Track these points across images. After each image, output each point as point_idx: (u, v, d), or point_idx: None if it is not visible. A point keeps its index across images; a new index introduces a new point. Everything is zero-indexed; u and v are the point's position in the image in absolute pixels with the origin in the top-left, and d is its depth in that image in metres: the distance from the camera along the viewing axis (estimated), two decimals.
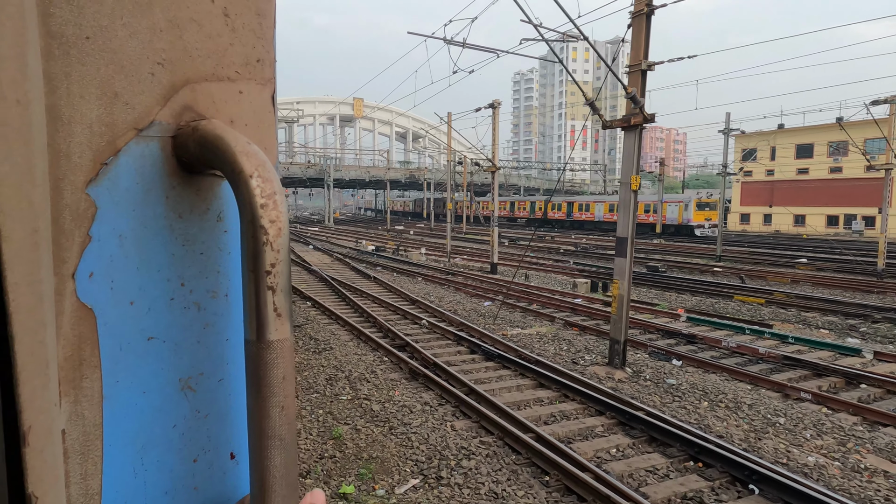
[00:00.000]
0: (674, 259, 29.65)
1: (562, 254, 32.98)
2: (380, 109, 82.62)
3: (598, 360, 10.55)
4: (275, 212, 0.82)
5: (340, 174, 70.21)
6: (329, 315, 14.17)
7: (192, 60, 0.95)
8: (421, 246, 36.02)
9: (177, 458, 0.93)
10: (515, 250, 35.82)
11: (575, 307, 15.29)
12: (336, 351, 10.80)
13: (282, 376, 0.83)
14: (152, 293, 0.90)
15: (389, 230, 52.55)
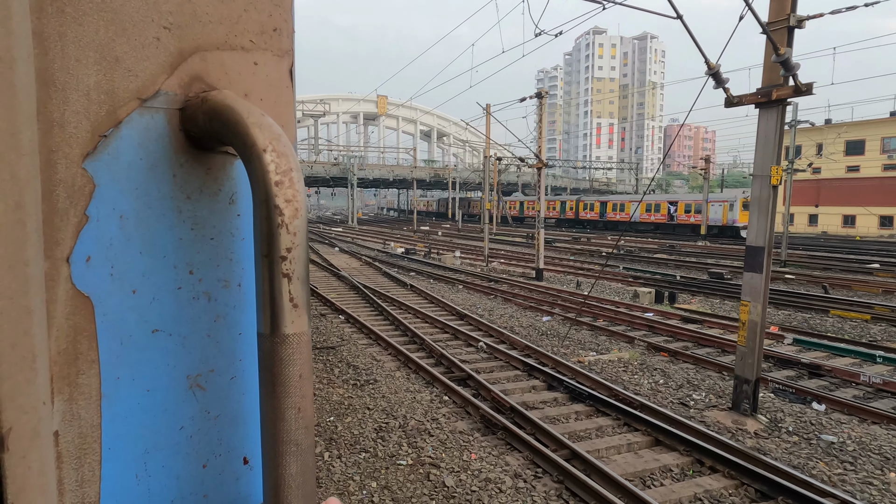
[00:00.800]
0: (728, 264, 27.11)
1: (603, 256, 30.61)
2: (404, 107, 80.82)
3: (712, 402, 8.34)
4: (291, 190, 0.76)
5: (364, 173, 68.52)
6: (367, 334, 12.13)
7: (203, 26, 0.87)
8: (454, 249, 33.94)
9: (184, 463, 0.87)
10: (554, 253, 33.54)
11: (651, 325, 13.04)
12: (382, 385, 8.75)
13: (298, 374, 0.77)
14: (157, 281, 0.84)
15: (416, 231, 50.60)
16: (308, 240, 0.82)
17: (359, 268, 24.05)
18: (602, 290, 19.33)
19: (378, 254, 30.57)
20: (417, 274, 22.44)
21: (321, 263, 24.50)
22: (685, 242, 40.39)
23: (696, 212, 47.35)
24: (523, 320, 13.77)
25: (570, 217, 63.38)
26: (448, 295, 17.33)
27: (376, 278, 20.73)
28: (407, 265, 25.03)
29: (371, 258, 27.73)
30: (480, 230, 50.65)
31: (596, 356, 10.70)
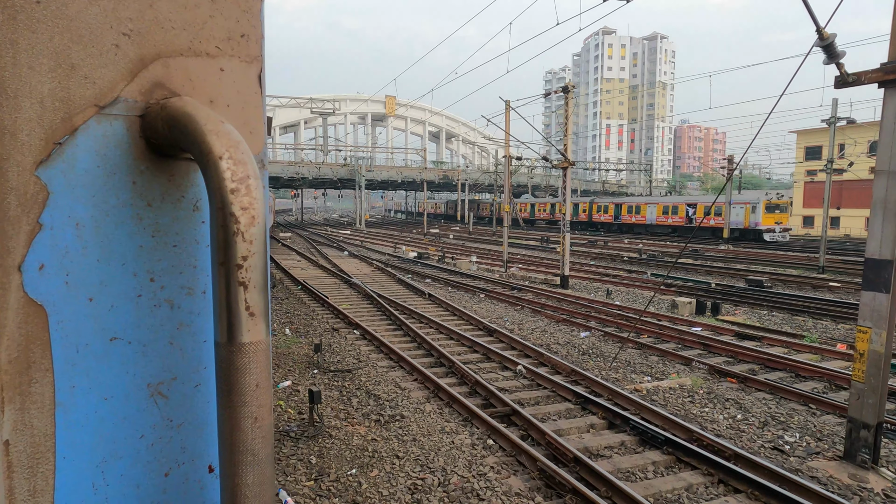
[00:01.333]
0: (760, 269, 25.56)
1: (626, 262, 29.12)
2: (412, 107, 79.55)
3: (812, 446, 6.89)
4: (247, 198, 0.76)
5: (372, 175, 67.26)
6: (387, 353, 10.73)
7: (165, 32, 0.87)
8: (467, 253, 32.52)
9: (145, 472, 0.86)
10: (572, 258, 32.04)
11: (706, 342, 11.58)
12: (411, 422, 7.34)
13: (255, 383, 0.76)
14: (116, 289, 0.83)
15: (426, 234, 49.23)
16: (267, 248, 0.78)
17: (371, 274, 22.68)
18: (634, 300, 17.87)
19: (389, 258, 29.20)
20: (433, 281, 21.04)
21: (331, 269, 23.14)
22: (706, 246, 38.83)
23: (716, 214, 45.75)
24: (559, 336, 12.33)
25: (582, 220, 61.85)
26: (470, 305, 15.92)
27: (390, 286, 19.33)
28: (421, 271, 23.63)
29: (382, 263, 26.37)
30: (492, 233, 49.25)
31: (652, 382, 9.26)
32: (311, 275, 22.16)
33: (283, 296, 17.60)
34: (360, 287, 18.07)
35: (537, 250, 35.59)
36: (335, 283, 19.82)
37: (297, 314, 14.78)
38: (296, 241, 42.63)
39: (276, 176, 61.27)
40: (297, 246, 36.96)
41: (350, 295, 17.37)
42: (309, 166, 62.80)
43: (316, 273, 22.82)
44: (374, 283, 19.62)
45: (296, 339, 12.18)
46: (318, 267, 24.96)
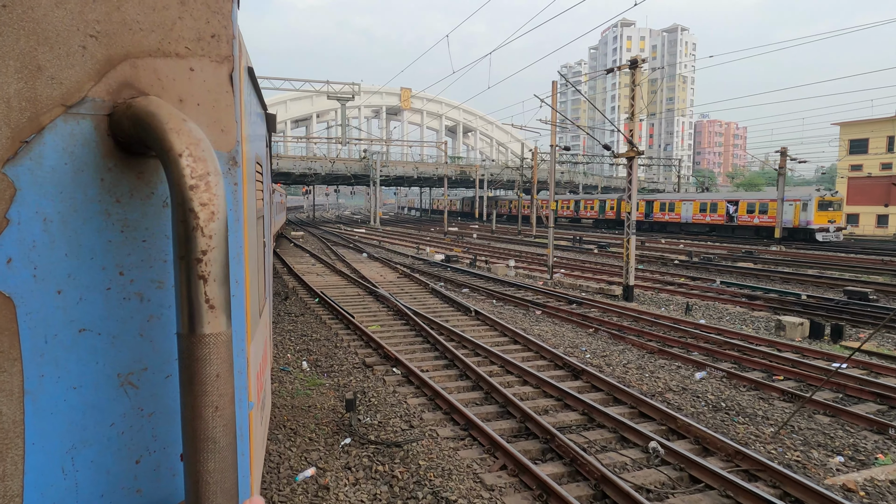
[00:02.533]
0: (836, 276, 22.25)
1: (678, 266, 25.91)
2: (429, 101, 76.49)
3: None
4: (207, 194, 0.78)
5: (387, 171, 64.35)
6: (447, 412, 7.63)
7: (133, 34, 0.89)
8: (497, 254, 29.41)
9: (115, 459, 0.88)
10: (613, 260, 28.90)
11: (882, 393, 8.44)
12: None
13: (216, 374, 0.78)
14: (84, 282, 0.86)
15: (446, 233, 46.20)
16: (226, 242, 0.79)
17: (397, 282, 19.67)
18: (719, 316, 14.74)
19: (413, 262, 26.19)
20: (472, 291, 17.98)
21: (351, 276, 20.15)
22: (754, 247, 35.48)
23: (760, 212, 42.32)
24: (665, 377, 9.25)
25: (610, 218, 58.51)
26: (529, 326, 12.85)
27: (424, 298, 16.31)
28: (453, 277, 20.60)
29: (407, 267, 23.36)
30: (518, 232, 46.15)
31: (857, 471, 6.16)
32: (329, 282, 19.19)
33: (298, 311, 14.64)
34: (389, 300, 15.06)
35: (572, 251, 32.41)
36: (358, 295, 16.82)
37: (315, 339, 11.80)
38: (308, 240, 39.76)
39: (287, 172, 58.51)
40: (311, 246, 34.08)
41: (379, 311, 14.36)
42: (322, 161, 59.98)
43: (334, 280, 19.85)
44: (405, 295, 16.60)
45: (317, 378, 9.19)
46: (335, 272, 21.99)
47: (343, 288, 18.09)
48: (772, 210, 41.45)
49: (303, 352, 10.91)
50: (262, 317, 2.80)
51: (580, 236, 39.55)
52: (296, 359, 10.48)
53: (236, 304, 1.10)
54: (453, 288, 18.70)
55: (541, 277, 21.44)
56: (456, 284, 19.20)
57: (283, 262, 24.49)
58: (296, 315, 14.16)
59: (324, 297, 15.58)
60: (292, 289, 18.10)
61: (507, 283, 19.42)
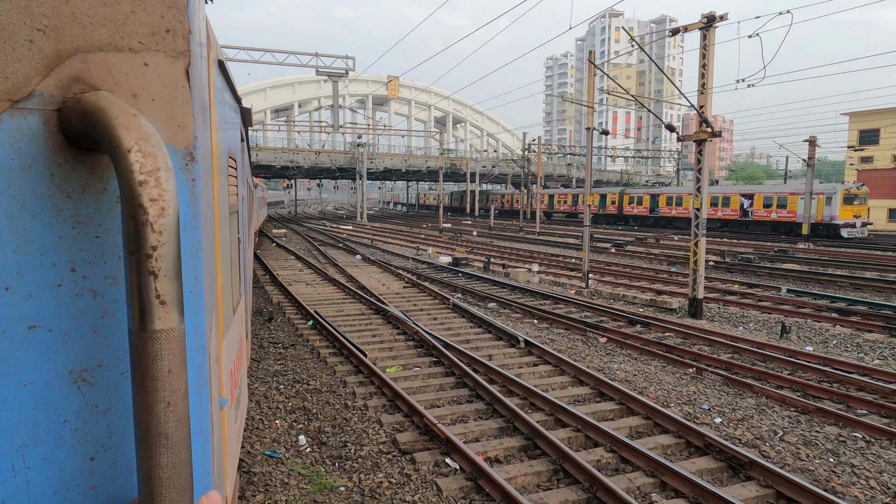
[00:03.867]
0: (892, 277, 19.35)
1: (715, 268, 22.90)
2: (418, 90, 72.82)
3: None
4: (156, 189, 0.77)
5: (374, 163, 60.67)
6: None
7: (83, 28, 0.87)
8: (515, 257, 26.07)
9: (68, 456, 0.87)
10: (636, 262, 25.80)
11: None
12: None
13: (167, 369, 0.78)
14: (33, 278, 0.84)
15: (441, 230, 42.78)
16: (177, 237, 0.79)
17: (405, 293, 16.25)
18: (823, 342, 11.62)
19: (416, 265, 22.77)
20: (501, 306, 14.63)
21: (348, 286, 16.63)
22: (776, 244, 32.70)
23: (779, 206, 39.63)
24: (848, 458, 6.03)
25: (611, 213, 55.62)
26: (604, 364, 9.53)
27: (447, 318, 12.91)
28: (469, 286, 17.24)
29: (411, 272, 19.95)
30: (519, 229, 42.87)
31: None
32: (323, 295, 15.69)
33: (287, 339, 11.17)
34: (404, 323, 11.64)
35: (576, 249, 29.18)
36: (362, 314, 13.36)
37: (315, 389, 8.36)
38: (292, 239, 36.06)
39: (268, 164, 54.54)
40: (295, 247, 30.44)
41: (395, 341, 10.93)
42: (305, 153, 56.08)
43: (328, 292, 16.34)
44: (421, 314, 13.19)
45: (322, 474, 5.79)
46: (328, 280, 18.48)
47: (341, 304, 14.61)
48: (791, 204, 38.80)
49: (298, 413, 7.48)
50: (237, 314, 2.67)
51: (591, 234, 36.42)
52: (288, 428, 7.05)
53: (195, 299, 1.08)
54: (475, 301, 15.34)
55: (573, 285, 18.18)
56: (477, 296, 15.83)
57: (264, 267, 20.88)
58: (284, 346, 10.69)
59: (319, 318, 12.10)
60: (277, 305, 14.58)
61: (536, 294, 16.11)
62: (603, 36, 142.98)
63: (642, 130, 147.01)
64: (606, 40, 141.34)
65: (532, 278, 19.34)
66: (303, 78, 67.23)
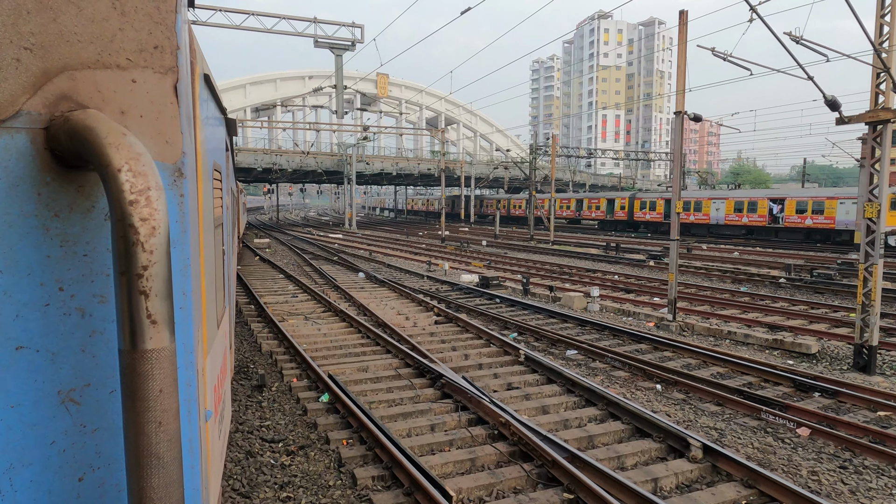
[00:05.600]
0: None
1: (793, 288, 19.10)
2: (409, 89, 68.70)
3: None
4: (147, 209, 0.77)
5: (363, 166, 56.32)
6: None
7: (71, 46, 0.86)
8: (545, 273, 21.91)
9: (56, 478, 0.84)
10: (694, 280, 21.91)
11: None
12: None
13: (159, 389, 0.77)
14: (21, 298, 0.82)
15: (444, 239, 38.55)
16: (168, 257, 0.76)
17: (440, 332, 12.00)
18: None
19: (435, 286, 18.53)
20: (585, 355, 10.46)
21: (364, 323, 12.25)
22: (818, 254, 29.18)
23: (814, 212, 36.21)
24: None
25: (620, 218, 51.96)
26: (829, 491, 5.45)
27: (526, 383, 8.69)
28: (517, 318, 13.07)
29: (434, 297, 15.71)
30: (530, 237, 38.77)
31: None
32: (332, 339, 11.36)
33: (292, 435, 6.88)
34: (473, 400, 7.39)
35: (616, 263, 25.23)
36: (397, 376, 9.06)
37: None
38: (278, 251, 31.55)
39: (248, 167, 49.87)
40: (283, 260, 25.97)
41: (471, 440, 6.67)
42: (289, 155, 51.53)
43: (338, 332, 12.02)
44: (480, 371, 8.95)
45: None
46: (333, 312, 14.14)
47: (360, 356, 10.32)
48: (829, 210, 35.42)
49: None
50: (221, 327, 2.59)
51: (615, 242, 32.46)
52: None
53: (184, 316, 1.07)
54: (544, 346, 11.16)
55: (647, 316, 14.12)
56: (537, 335, 11.67)
57: (246, 291, 16.45)
58: (288, 451, 6.38)
59: (337, 389, 7.80)
60: (269, 357, 10.22)
61: (606, 329, 12.04)
62: (592, 38, 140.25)
63: (631, 134, 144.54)
64: (596, 42, 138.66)
65: (591, 305, 15.23)
66: (286, 74, 62.46)
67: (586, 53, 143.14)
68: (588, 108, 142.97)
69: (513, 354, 10.10)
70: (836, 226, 35.12)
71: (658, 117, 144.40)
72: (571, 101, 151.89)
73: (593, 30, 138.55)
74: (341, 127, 47.69)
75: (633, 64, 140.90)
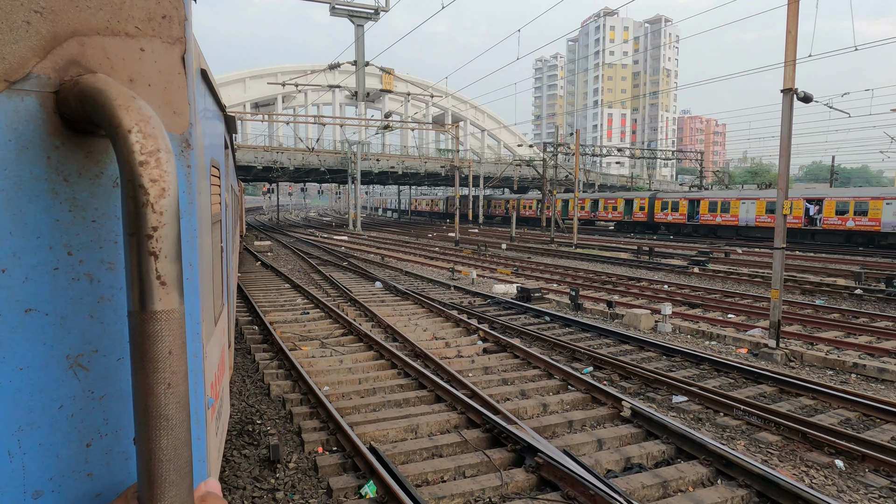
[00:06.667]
0: None
1: (888, 301, 16.62)
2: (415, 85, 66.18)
3: None
4: (157, 170, 0.77)
5: (368, 165, 53.82)
6: None
7: (80, 11, 0.87)
8: (588, 283, 19.33)
9: (64, 442, 0.86)
10: (754, 289, 19.38)
11: None
12: None
13: (168, 350, 0.78)
14: (30, 261, 0.83)
15: (458, 241, 36.03)
16: (177, 219, 0.78)
17: (491, 364, 9.48)
18: None
19: (466, 299, 15.98)
20: (697, 402, 7.95)
21: (395, 352, 9.70)
22: (882, 259, 26.73)
23: (857, 213, 33.75)
24: None
25: (639, 219, 49.50)
26: None
27: (654, 462, 6.18)
28: (579, 343, 10.56)
29: (470, 313, 13.18)
30: (550, 240, 36.21)
31: None
32: (361, 377, 8.81)
33: None
34: (587, 493, 4.88)
35: (649, 269, 22.70)
36: (464, 448, 6.51)
37: None
38: (280, 255, 29.01)
39: (248, 165, 47.32)
40: (287, 266, 23.43)
41: None
42: (290, 152, 48.98)
43: (368, 368, 9.48)
44: (568, 432, 6.42)
45: None
46: (354, 335, 11.58)
47: (406, 410, 7.77)
48: (874, 211, 32.97)
49: None
50: (219, 324, 2.61)
51: (650, 246, 29.88)
52: None
53: (190, 287, 1.05)
54: (635, 387, 8.64)
55: (739, 340, 11.60)
56: (613, 367, 9.15)
57: (248, 306, 13.90)
58: None
59: (385, 475, 5.26)
60: (282, 406, 7.67)
61: (691, 358, 9.57)
62: (597, 35, 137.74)
63: (637, 133, 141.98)
64: (602, 39, 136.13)
65: (663, 325, 12.71)
66: (288, 68, 59.84)
67: (591, 51, 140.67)
68: (594, 106, 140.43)
69: (608, 404, 7.56)
70: (882, 228, 32.67)
71: (664, 116, 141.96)
72: (576, 99, 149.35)
73: (599, 27, 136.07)
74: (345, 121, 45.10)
75: (638, 62, 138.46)
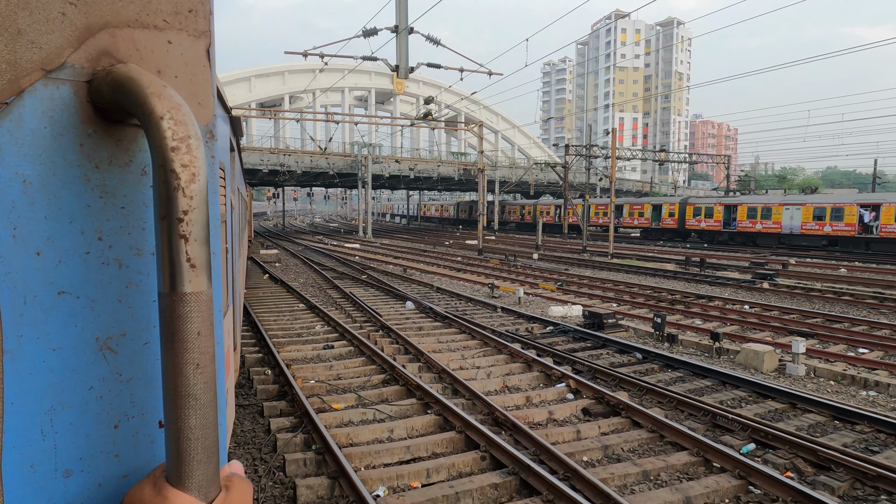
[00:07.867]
0: None
1: None
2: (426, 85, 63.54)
3: None
4: (188, 156, 0.80)
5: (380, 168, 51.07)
6: None
7: (112, 4, 0.90)
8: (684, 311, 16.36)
9: (94, 423, 0.88)
10: (851, 310, 16.41)
11: None
12: None
13: (197, 331, 0.80)
14: (63, 245, 0.86)
15: (482, 251, 33.16)
16: (206, 204, 0.80)
17: (616, 445, 6.57)
18: None
19: (520, 324, 13.08)
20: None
21: (459, 415, 6.80)
22: None
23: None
24: None
25: (669, 226, 46.61)
26: None
27: None
28: (728, 405, 7.68)
29: (534, 346, 10.27)
30: (583, 249, 33.34)
31: None
32: (431, 471, 5.89)
33: None
34: None
35: (710, 285, 19.73)
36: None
37: None
38: (289, 265, 26.16)
39: (253, 168, 44.54)
40: (299, 281, 20.57)
41: None
42: (298, 155, 46.26)
43: (431, 445, 6.57)
44: None
45: None
46: (399, 385, 8.69)
47: None
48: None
49: None
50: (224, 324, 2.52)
51: (700, 256, 26.88)
52: None
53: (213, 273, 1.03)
54: (847, 485, 5.72)
55: (872, 383, 8.67)
56: (787, 444, 6.23)
57: (258, 337, 11.03)
58: None
59: None
60: None
61: (858, 429, 6.61)
62: (608, 38, 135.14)
63: (648, 137, 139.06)
64: (613, 42, 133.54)
65: (796, 369, 9.79)
66: (294, 66, 57.28)
67: (602, 54, 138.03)
68: (605, 110, 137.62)
69: None
70: None
71: (676, 120, 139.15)
72: (586, 103, 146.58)
73: (609, 30, 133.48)
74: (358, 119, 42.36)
75: (650, 66, 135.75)
